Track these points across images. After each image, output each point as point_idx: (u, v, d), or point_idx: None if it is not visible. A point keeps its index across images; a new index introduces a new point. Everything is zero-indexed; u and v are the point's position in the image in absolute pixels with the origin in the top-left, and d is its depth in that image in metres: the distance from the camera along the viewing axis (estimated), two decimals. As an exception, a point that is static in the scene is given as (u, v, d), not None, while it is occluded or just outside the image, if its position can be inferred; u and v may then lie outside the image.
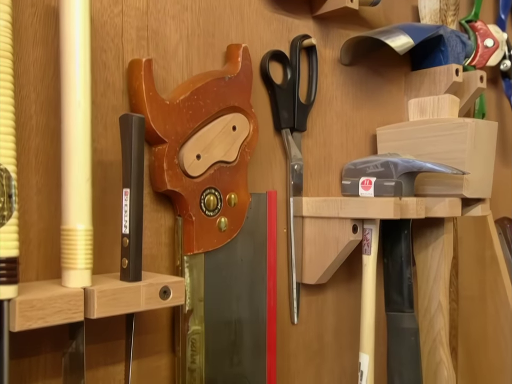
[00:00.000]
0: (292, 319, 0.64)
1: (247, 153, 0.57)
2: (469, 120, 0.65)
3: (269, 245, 0.60)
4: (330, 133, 0.69)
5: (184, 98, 0.52)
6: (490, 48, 0.87)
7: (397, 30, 0.68)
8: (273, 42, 0.63)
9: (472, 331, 0.89)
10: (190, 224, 0.52)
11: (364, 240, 0.62)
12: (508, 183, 1.01)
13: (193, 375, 0.53)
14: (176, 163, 0.51)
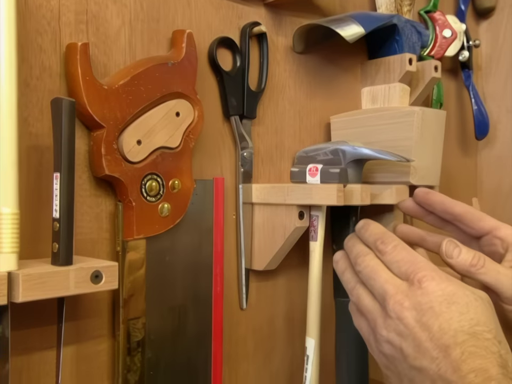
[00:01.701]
0: (241, 304, 0.64)
1: (191, 139, 0.56)
2: (416, 109, 0.64)
3: (215, 231, 0.60)
4: (282, 121, 0.68)
5: (123, 84, 0.51)
6: (448, 39, 0.86)
7: (348, 18, 0.67)
8: (222, 29, 0.62)
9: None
10: (130, 210, 0.52)
11: (311, 227, 0.61)
12: (469, 172, 1.01)
13: (133, 359, 0.52)
14: (115, 148, 0.50)
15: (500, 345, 0.40)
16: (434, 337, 0.41)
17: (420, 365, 0.41)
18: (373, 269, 0.46)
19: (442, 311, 0.41)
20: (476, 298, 0.42)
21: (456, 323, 0.41)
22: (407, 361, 0.42)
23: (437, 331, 0.41)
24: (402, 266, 0.45)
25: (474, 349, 0.39)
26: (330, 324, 0.65)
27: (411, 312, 0.42)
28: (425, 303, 0.42)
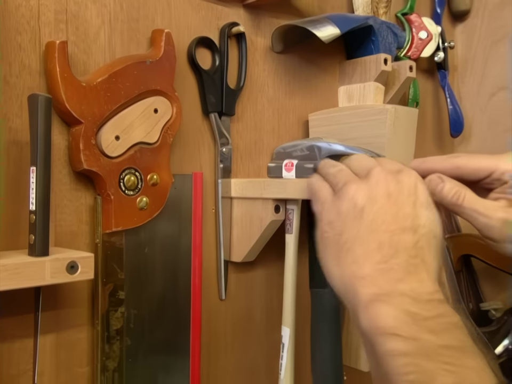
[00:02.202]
0: (220, 295, 0.64)
1: (169, 135, 0.56)
2: (388, 107, 0.64)
3: (194, 224, 0.59)
4: (261, 118, 0.68)
5: (101, 81, 0.50)
6: (424, 40, 0.86)
7: (324, 19, 0.67)
8: (201, 29, 0.61)
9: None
10: (109, 203, 0.51)
11: (287, 220, 0.61)
12: (445, 169, 1.01)
13: (112, 347, 0.52)
14: (94, 143, 0.50)
15: (415, 235, 0.42)
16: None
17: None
18: (338, 168, 0.49)
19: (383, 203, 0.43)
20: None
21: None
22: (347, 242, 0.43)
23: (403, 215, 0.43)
24: (361, 165, 0.47)
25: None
26: (306, 314, 0.64)
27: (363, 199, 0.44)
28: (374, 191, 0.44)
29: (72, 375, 0.51)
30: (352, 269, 0.42)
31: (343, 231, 0.44)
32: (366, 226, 0.43)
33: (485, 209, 0.46)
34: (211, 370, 0.63)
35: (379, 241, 0.42)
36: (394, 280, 0.40)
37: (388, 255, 0.41)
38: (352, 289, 0.41)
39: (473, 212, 0.46)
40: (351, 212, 0.44)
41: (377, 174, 0.45)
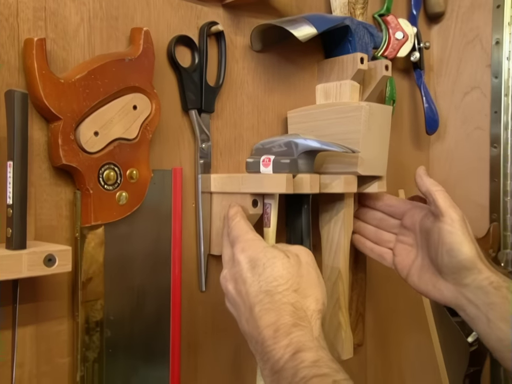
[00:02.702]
0: (200, 287, 0.63)
1: (148, 131, 0.55)
2: (363, 104, 0.64)
3: (174, 218, 0.59)
4: (241, 115, 0.67)
5: (80, 78, 0.49)
6: (400, 40, 0.86)
7: (302, 19, 0.66)
8: (181, 28, 0.61)
9: (381, 298, 0.89)
10: (88, 197, 0.50)
11: (265, 214, 0.60)
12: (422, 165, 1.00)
13: (92, 338, 0.51)
14: (72, 139, 0.49)
15: (294, 294, 0.44)
16: (244, 301, 0.45)
17: (242, 326, 0.46)
18: (223, 244, 0.54)
19: (247, 276, 0.46)
20: (274, 256, 0.46)
21: (256, 285, 0.45)
22: (238, 322, 0.48)
23: (245, 295, 0.45)
24: (233, 243, 0.51)
25: (268, 305, 0.43)
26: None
27: (231, 283, 0.48)
28: (237, 273, 0.47)
29: (52, 366, 0.50)
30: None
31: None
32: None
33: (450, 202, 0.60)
34: (191, 360, 0.62)
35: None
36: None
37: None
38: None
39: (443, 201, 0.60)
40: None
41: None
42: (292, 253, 0.49)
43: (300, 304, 0.44)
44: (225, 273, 0.50)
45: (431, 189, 0.60)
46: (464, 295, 0.56)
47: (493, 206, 0.91)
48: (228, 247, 0.52)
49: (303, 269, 0.47)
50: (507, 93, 0.89)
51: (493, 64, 0.91)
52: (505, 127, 0.90)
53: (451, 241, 0.56)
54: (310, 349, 0.40)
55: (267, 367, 0.42)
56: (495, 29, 0.90)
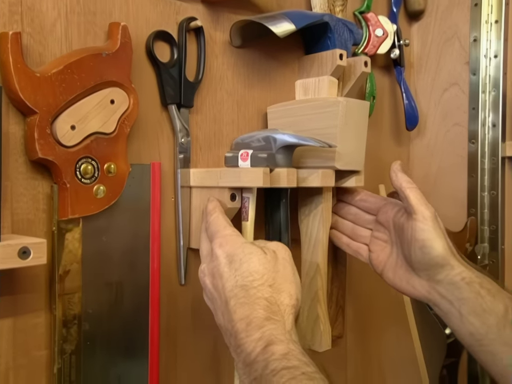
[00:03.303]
0: (180, 280, 0.63)
1: (126, 125, 0.55)
2: (341, 99, 0.64)
3: (152, 212, 0.59)
4: (220, 110, 0.67)
5: (56, 72, 0.49)
6: (380, 38, 0.86)
7: (281, 16, 0.66)
8: (160, 24, 0.60)
9: (362, 291, 0.90)
10: (65, 191, 0.50)
11: (243, 208, 0.61)
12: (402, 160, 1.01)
13: (69, 331, 0.51)
14: (49, 133, 0.49)
15: (268, 289, 0.44)
16: (220, 295, 0.46)
17: (218, 320, 0.47)
18: (200, 243, 0.54)
19: (224, 271, 0.46)
20: (251, 251, 0.47)
21: (232, 279, 0.45)
22: (214, 315, 0.48)
23: (221, 289, 0.45)
24: (211, 238, 0.51)
25: (244, 299, 0.43)
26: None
27: (208, 277, 0.48)
28: (214, 267, 0.47)
29: (29, 359, 0.50)
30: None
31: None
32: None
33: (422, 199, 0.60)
34: (170, 353, 0.62)
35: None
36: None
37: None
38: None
39: (415, 198, 0.59)
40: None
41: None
42: (269, 249, 0.49)
43: (274, 299, 0.44)
44: (203, 267, 0.50)
45: (403, 186, 0.60)
46: (437, 290, 0.57)
47: (471, 201, 0.92)
48: (206, 242, 0.52)
49: (279, 264, 0.48)
50: (484, 89, 0.90)
51: (471, 61, 0.92)
52: (482, 124, 0.91)
53: (423, 238, 0.56)
54: (281, 341, 0.41)
55: (240, 359, 0.42)
56: (472, 26, 0.91)
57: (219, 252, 0.48)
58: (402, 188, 0.60)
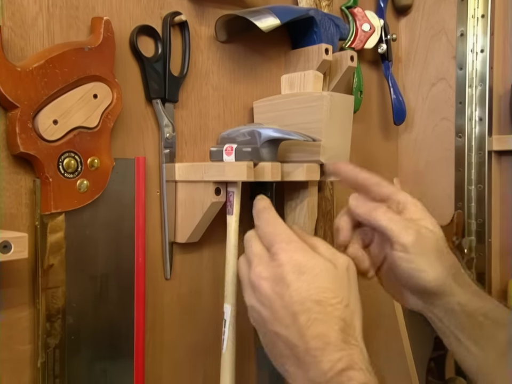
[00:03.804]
0: (165, 275, 0.63)
1: (110, 120, 0.55)
2: (325, 93, 0.64)
3: (137, 206, 0.59)
4: (206, 105, 0.67)
5: (38, 66, 0.49)
6: (367, 32, 0.86)
7: (266, 10, 0.66)
8: (144, 18, 0.60)
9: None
10: (47, 185, 0.50)
11: (228, 202, 0.61)
12: (391, 155, 1.02)
13: (53, 325, 0.51)
14: (30, 127, 0.48)
15: (344, 309, 0.40)
16: (286, 305, 0.40)
17: (275, 330, 0.41)
18: (248, 241, 0.47)
19: (293, 280, 0.41)
20: (327, 268, 0.42)
21: (305, 292, 0.40)
22: (266, 326, 0.42)
23: (288, 300, 0.40)
24: (267, 239, 0.44)
25: (318, 315, 0.39)
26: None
27: (268, 282, 0.42)
28: (279, 273, 0.41)
29: (13, 353, 0.50)
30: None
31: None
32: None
33: (397, 222, 0.47)
34: (157, 346, 0.62)
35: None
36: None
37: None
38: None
39: (388, 224, 0.47)
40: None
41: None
42: (341, 264, 0.43)
43: (350, 321, 0.41)
44: (259, 270, 0.43)
45: (370, 211, 0.49)
46: (432, 312, 0.50)
47: (458, 194, 0.93)
48: (257, 241, 0.46)
49: (351, 283, 0.43)
50: (471, 84, 0.90)
51: (458, 56, 0.92)
52: (469, 118, 0.91)
53: (408, 268, 0.47)
54: (361, 369, 0.39)
55: (307, 377, 0.39)
56: (459, 21, 0.91)
57: (285, 258, 0.42)
58: (369, 218, 0.49)
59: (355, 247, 0.52)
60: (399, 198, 0.50)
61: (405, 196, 0.50)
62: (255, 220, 0.47)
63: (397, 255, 0.47)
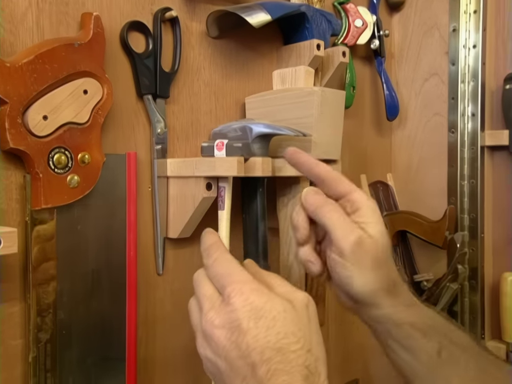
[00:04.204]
0: (157, 270, 0.63)
1: (100, 115, 0.55)
2: (316, 89, 0.64)
3: (128, 202, 0.59)
4: (198, 100, 0.67)
5: (27, 62, 0.49)
6: (360, 28, 0.87)
7: (257, 6, 0.66)
8: (134, 14, 0.60)
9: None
10: (38, 181, 0.50)
11: (219, 197, 0.61)
12: (385, 151, 1.02)
13: (44, 320, 0.51)
14: (20, 123, 0.49)
15: (307, 354, 0.37)
16: (243, 355, 0.37)
17: (233, 383, 0.37)
18: (197, 282, 0.42)
19: (250, 327, 0.37)
20: (285, 309, 0.38)
21: (263, 339, 0.37)
22: (223, 378, 0.38)
23: (245, 349, 0.36)
24: (219, 281, 0.40)
25: (279, 365, 0.36)
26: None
27: (221, 330, 0.38)
28: (234, 320, 0.37)
29: (5, 348, 0.50)
30: None
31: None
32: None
33: (341, 222, 0.46)
34: (149, 341, 0.62)
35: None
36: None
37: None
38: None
39: (333, 223, 0.46)
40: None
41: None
42: (300, 303, 0.40)
43: (314, 368, 0.37)
44: (211, 316, 0.38)
45: (319, 208, 0.47)
46: (363, 317, 0.49)
47: (451, 189, 0.93)
48: (208, 283, 0.41)
49: (312, 325, 0.39)
50: (463, 79, 0.91)
51: (450, 51, 0.92)
52: (462, 113, 0.91)
53: (340, 273, 0.46)
54: None
55: None
56: (452, 17, 0.91)
57: (239, 301, 0.38)
58: (317, 212, 0.47)
59: (308, 250, 0.49)
60: (354, 198, 0.47)
61: (361, 196, 0.48)
62: (204, 258, 0.43)
63: (333, 257, 0.46)
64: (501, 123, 0.91)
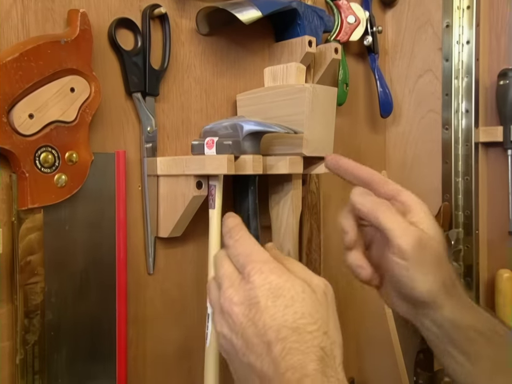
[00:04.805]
0: (148, 269, 0.63)
1: (88, 113, 0.54)
2: (307, 85, 0.64)
3: (117, 201, 0.58)
4: (188, 98, 0.67)
5: (12, 59, 0.48)
6: (353, 25, 0.86)
7: (247, 2, 0.65)
8: (122, 11, 0.59)
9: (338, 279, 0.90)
10: (24, 180, 0.49)
11: (210, 196, 0.60)
12: (379, 148, 1.02)
13: (32, 321, 0.51)
14: (5, 121, 0.48)
15: (324, 336, 0.37)
16: (259, 333, 0.37)
17: (248, 360, 0.37)
18: (218, 261, 0.42)
19: (268, 305, 0.37)
20: (304, 290, 0.38)
21: (280, 318, 0.37)
22: (238, 356, 0.38)
23: (261, 326, 0.37)
24: (239, 260, 0.40)
25: (295, 344, 0.36)
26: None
27: (240, 307, 0.38)
28: (253, 298, 0.37)
29: (-8, 350, 0.50)
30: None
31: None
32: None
33: (400, 224, 0.44)
34: (140, 341, 0.62)
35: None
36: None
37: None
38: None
39: (391, 225, 0.44)
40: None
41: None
42: (319, 287, 0.40)
43: (330, 350, 0.37)
44: (230, 293, 0.39)
45: (373, 209, 0.45)
46: (421, 322, 0.47)
47: (445, 186, 0.93)
48: (228, 262, 0.42)
49: (330, 309, 0.39)
50: (457, 75, 0.90)
51: (444, 47, 0.91)
52: (456, 110, 0.91)
53: (401, 275, 0.45)
54: None
55: None
56: (445, 13, 0.91)
57: (259, 280, 0.38)
58: (372, 212, 0.45)
59: (357, 254, 0.48)
60: (404, 199, 0.46)
61: (410, 196, 0.46)
62: (225, 239, 0.43)
63: (394, 259, 0.44)
64: (495, 119, 0.91)
